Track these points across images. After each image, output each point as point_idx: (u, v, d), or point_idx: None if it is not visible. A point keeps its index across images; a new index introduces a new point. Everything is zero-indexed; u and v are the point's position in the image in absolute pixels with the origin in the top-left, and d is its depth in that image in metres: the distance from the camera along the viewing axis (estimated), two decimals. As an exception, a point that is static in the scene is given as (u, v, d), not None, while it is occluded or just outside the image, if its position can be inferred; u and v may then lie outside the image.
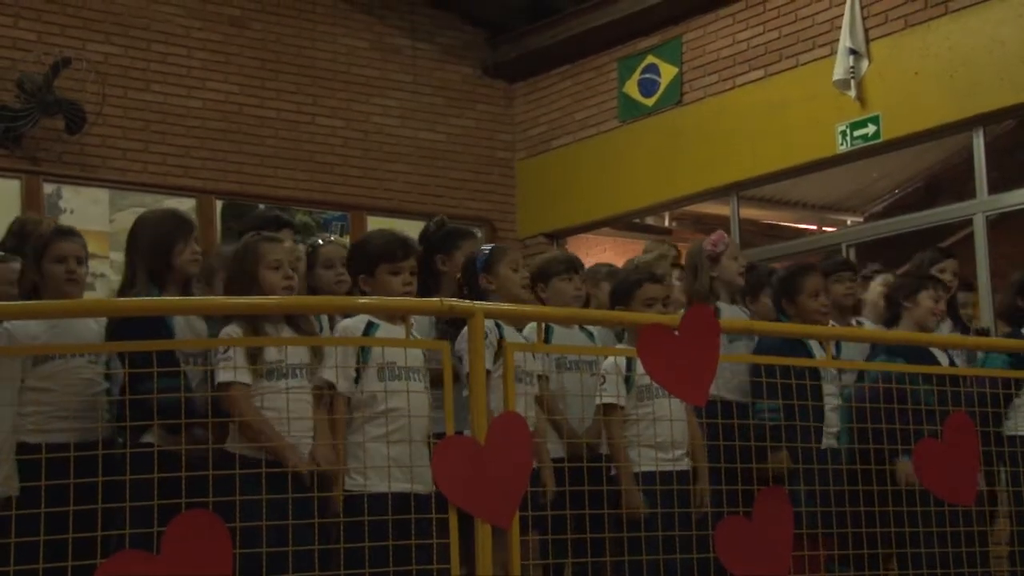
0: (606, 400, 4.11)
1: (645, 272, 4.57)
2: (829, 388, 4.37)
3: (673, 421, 4.00)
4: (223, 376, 3.45)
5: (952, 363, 4.65)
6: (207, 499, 3.00)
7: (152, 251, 3.84)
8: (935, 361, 4.57)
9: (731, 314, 4.72)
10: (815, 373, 4.18)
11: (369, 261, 3.96)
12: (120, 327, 3.62)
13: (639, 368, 3.77)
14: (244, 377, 3.46)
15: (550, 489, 3.79)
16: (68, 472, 3.01)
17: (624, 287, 4.39)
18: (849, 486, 3.97)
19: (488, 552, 3.11)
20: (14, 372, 3.56)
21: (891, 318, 4.89)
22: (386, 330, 3.70)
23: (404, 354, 3.60)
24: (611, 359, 4.18)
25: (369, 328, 3.72)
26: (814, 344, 4.42)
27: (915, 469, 3.75)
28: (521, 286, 4.24)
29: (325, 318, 4.11)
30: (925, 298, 4.73)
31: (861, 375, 4.56)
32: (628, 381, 4.13)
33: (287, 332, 3.62)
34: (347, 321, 3.84)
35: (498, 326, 3.91)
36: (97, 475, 3.01)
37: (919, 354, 4.50)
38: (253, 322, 3.53)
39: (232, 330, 3.54)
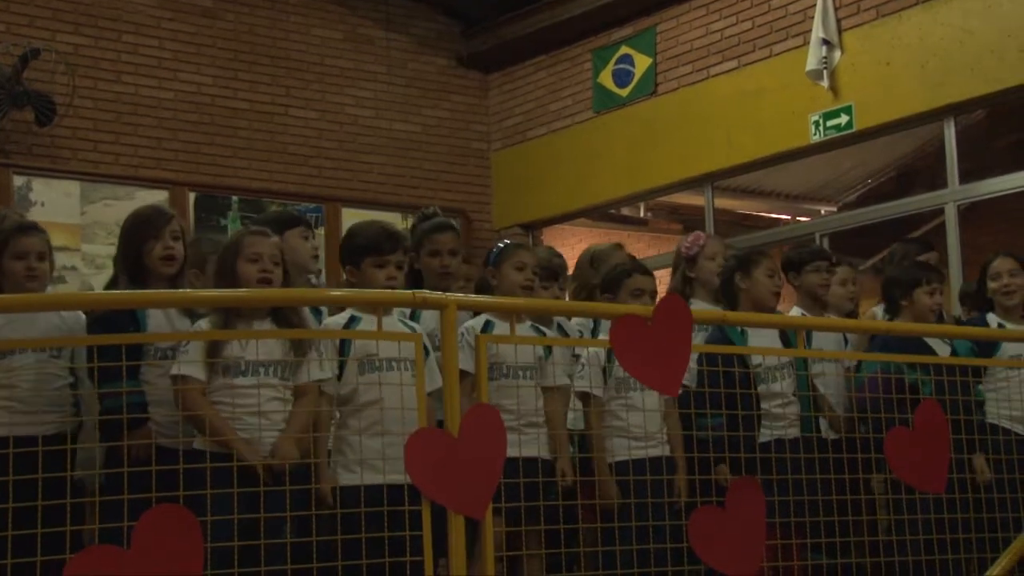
0: (580, 388, 4.11)
1: (634, 263, 4.57)
2: (779, 377, 4.34)
3: (647, 411, 4.00)
4: (175, 370, 3.42)
5: (954, 353, 4.60)
6: (176, 493, 2.97)
7: (126, 250, 3.82)
8: (931, 351, 4.52)
9: None
10: (743, 363, 4.16)
11: (356, 253, 3.89)
12: (91, 325, 3.60)
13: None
14: (197, 372, 3.41)
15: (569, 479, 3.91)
16: (34, 466, 2.98)
17: (612, 277, 4.40)
18: (827, 474, 3.98)
19: (462, 544, 3.10)
20: None
21: (890, 313, 4.87)
22: (368, 323, 3.63)
23: (388, 346, 3.53)
24: (591, 349, 4.18)
25: (351, 322, 3.68)
26: (753, 334, 4.38)
27: (886, 457, 3.76)
28: (522, 286, 4.18)
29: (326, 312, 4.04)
30: (921, 295, 4.70)
31: (859, 365, 4.54)
32: (605, 372, 4.12)
33: (268, 327, 3.55)
34: (330, 318, 3.81)
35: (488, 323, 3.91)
36: (63, 470, 2.99)
37: (915, 345, 4.48)
38: (225, 316, 3.48)
39: (201, 324, 3.51)
